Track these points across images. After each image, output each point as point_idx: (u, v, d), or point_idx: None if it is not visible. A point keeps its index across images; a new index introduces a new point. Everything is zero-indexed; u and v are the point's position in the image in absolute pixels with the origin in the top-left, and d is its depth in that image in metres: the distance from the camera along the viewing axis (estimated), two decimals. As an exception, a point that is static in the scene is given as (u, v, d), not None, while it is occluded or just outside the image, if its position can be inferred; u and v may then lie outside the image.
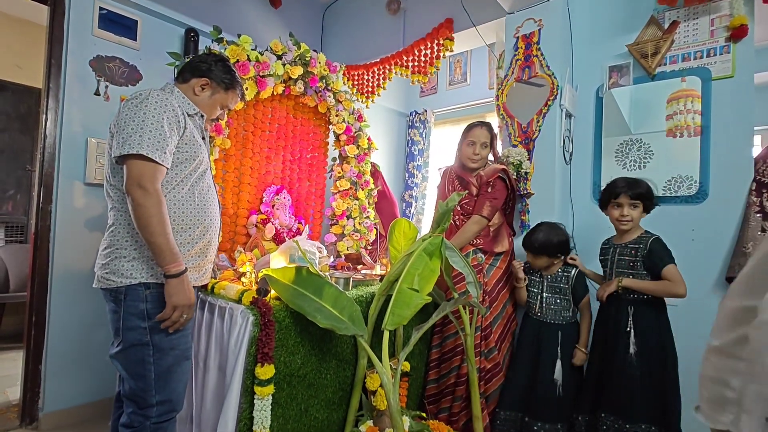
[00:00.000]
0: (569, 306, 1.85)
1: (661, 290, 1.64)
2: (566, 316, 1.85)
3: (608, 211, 1.75)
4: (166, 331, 1.22)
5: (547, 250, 1.83)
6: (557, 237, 1.83)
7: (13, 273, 3.24)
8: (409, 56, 2.61)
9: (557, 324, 1.84)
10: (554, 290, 1.86)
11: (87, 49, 2.11)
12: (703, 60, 1.90)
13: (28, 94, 3.52)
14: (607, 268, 1.78)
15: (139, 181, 1.14)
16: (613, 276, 1.72)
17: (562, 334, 1.82)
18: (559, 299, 1.85)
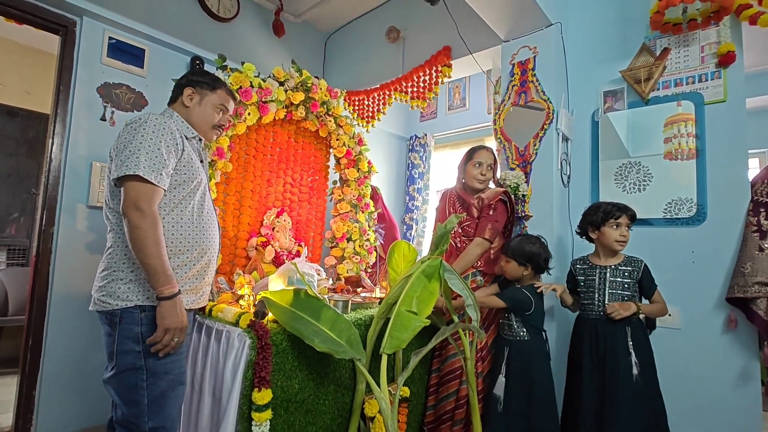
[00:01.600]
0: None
1: (658, 311, 1.73)
2: None
3: (602, 231, 1.74)
4: (161, 355, 1.21)
5: (516, 257, 1.81)
6: (530, 247, 1.81)
7: (13, 296, 3.22)
8: (408, 82, 2.68)
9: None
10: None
11: (95, 77, 2.18)
12: (695, 85, 1.94)
13: (36, 119, 3.61)
14: (593, 289, 1.74)
15: (136, 203, 1.15)
16: (605, 297, 1.71)
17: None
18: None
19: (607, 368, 1.66)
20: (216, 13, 2.70)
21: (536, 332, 1.80)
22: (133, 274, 1.22)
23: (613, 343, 1.65)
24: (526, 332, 1.78)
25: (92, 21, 2.17)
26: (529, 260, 1.80)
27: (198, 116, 1.40)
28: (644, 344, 1.68)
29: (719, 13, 1.84)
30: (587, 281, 1.78)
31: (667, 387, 1.89)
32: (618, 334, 1.66)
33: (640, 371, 1.61)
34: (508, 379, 1.75)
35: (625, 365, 1.61)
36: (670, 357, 1.91)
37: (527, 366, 1.74)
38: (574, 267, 1.85)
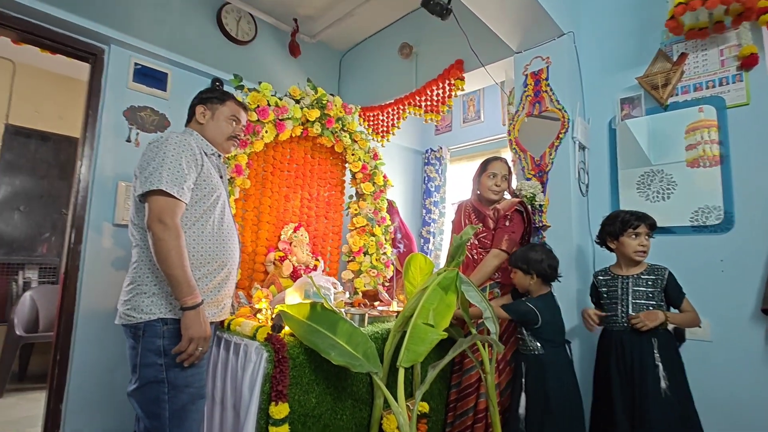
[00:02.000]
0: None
1: (689, 321, 1.65)
2: None
3: (621, 242, 1.70)
4: (182, 367, 1.23)
5: (520, 265, 1.78)
6: (533, 255, 1.77)
7: (43, 313, 3.34)
8: (421, 96, 2.71)
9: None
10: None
11: (122, 101, 2.28)
12: (716, 89, 1.90)
13: (67, 143, 3.78)
14: (615, 300, 1.70)
15: (159, 216, 1.20)
16: (629, 307, 1.65)
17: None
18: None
19: (635, 383, 1.58)
20: (235, 36, 2.81)
21: (552, 345, 1.73)
22: (157, 288, 1.25)
23: (640, 355, 1.59)
24: (540, 346, 1.72)
25: (119, 48, 2.29)
26: (533, 267, 1.76)
27: (212, 130, 1.46)
28: (674, 357, 1.61)
29: (741, 15, 1.80)
30: (610, 292, 1.73)
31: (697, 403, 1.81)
32: (645, 346, 1.59)
33: (669, 385, 1.53)
34: (527, 396, 1.70)
35: (652, 378, 1.54)
36: (700, 371, 1.81)
37: (542, 381, 1.68)
38: (596, 279, 1.80)
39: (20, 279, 3.49)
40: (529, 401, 1.68)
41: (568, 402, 1.68)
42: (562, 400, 1.66)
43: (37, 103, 3.67)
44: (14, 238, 3.52)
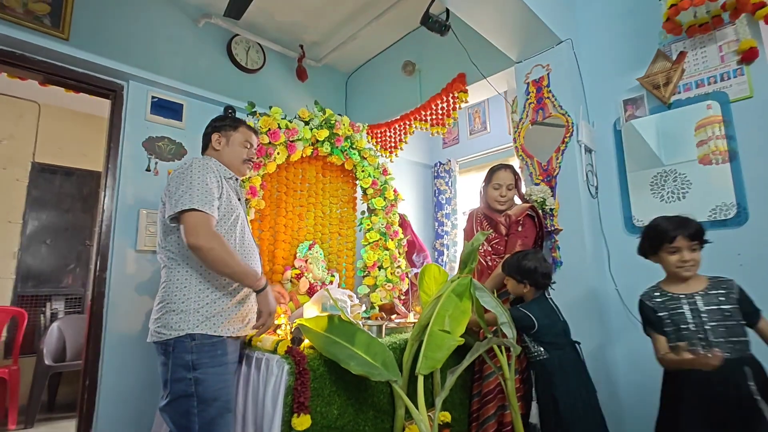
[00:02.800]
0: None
1: None
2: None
3: (660, 257, 1.45)
4: (210, 382, 1.29)
5: (512, 274, 1.77)
6: (526, 263, 1.73)
7: (70, 343, 3.43)
8: (426, 111, 2.77)
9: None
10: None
11: (140, 132, 2.40)
12: (718, 84, 1.91)
13: (90, 177, 3.95)
14: (685, 325, 1.37)
15: (198, 230, 1.28)
16: (707, 333, 1.32)
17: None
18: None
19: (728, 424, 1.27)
20: (244, 65, 2.94)
21: (555, 347, 1.69)
22: (184, 305, 1.32)
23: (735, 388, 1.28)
24: (543, 350, 1.69)
25: (137, 84, 2.42)
26: (526, 276, 1.74)
27: (228, 156, 1.55)
28: None
29: (737, 9, 1.82)
30: (674, 317, 1.39)
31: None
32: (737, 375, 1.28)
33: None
34: (539, 404, 1.67)
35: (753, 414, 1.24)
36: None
37: (550, 386, 1.65)
38: (651, 301, 1.46)
39: (48, 310, 3.60)
40: (541, 409, 1.66)
41: (580, 404, 1.62)
42: (572, 403, 1.61)
43: (61, 141, 3.85)
44: (42, 271, 3.66)
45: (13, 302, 3.46)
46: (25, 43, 2.06)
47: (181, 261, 1.36)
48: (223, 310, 1.36)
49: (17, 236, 3.54)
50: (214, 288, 1.36)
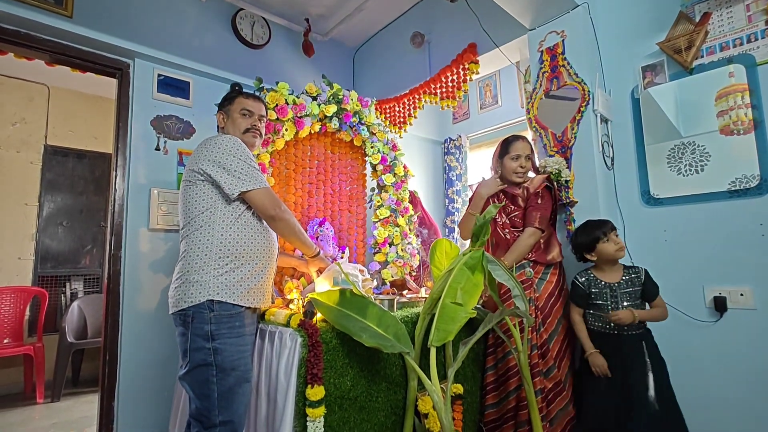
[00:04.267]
0: (643, 306, 1.77)
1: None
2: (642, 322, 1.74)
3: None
4: (228, 352, 1.31)
5: None
6: None
7: (90, 321, 3.54)
8: (436, 84, 2.70)
9: (638, 333, 1.72)
10: (634, 295, 1.75)
11: (148, 111, 2.38)
12: (744, 46, 1.82)
13: (101, 159, 3.98)
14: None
15: (275, 204, 1.45)
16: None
17: (648, 344, 1.71)
18: (634, 305, 1.74)
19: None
20: (250, 41, 2.88)
21: None
22: (203, 273, 1.35)
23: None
24: None
25: (143, 62, 2.39)
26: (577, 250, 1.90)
27: (231, 130, 1.57)
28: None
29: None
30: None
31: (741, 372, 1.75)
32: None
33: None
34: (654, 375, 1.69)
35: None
36: (742, 340, 1.75)
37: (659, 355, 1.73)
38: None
39: (68, 290, 3.70)
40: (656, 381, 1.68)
41: None
42: None
43: (71, 124, 3.87)
44: (60, 252, 3.74)
45: (33, 282, 3.56)
46: (29, 21, 2.04)
47: (202, 230, 1.37)
48: (242, 279, 1.38)
49: (34, 218, 3.61)
50: (234, 258, 1.38)
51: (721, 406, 1.78)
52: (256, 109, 1.64)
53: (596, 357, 1.73)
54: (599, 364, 1.72)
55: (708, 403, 1.80)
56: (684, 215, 1.94)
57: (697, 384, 1.83)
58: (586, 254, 1.83)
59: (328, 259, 1.77)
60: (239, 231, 1.41)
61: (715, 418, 1.79)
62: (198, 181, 1.41)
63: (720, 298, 1.81)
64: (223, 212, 1.39)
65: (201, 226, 1.38)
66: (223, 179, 1.38)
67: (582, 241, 1.83)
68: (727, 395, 1.77)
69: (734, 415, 1.75)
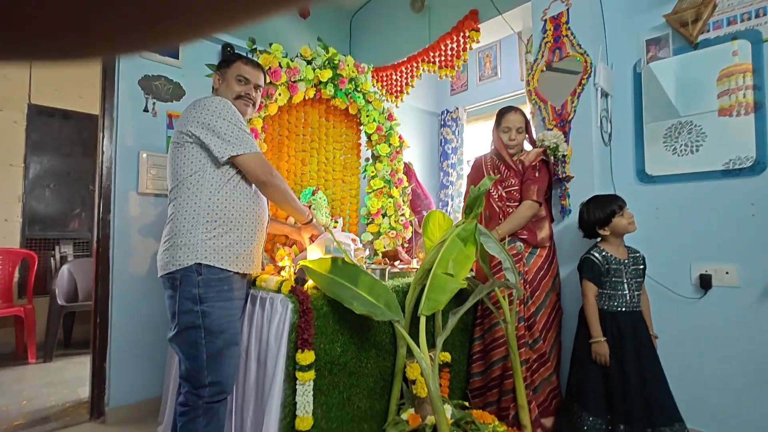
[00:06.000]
0: None
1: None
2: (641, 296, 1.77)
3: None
4: (217, 315, 1.32)
5: None
6: None
7: (81, 285, 3.53)
8: (435, 52, 2.62)
9: (640, 310, 1.74)
10: (637, 274, 1.75)
11: (136, 70, 2.29)
12: (752, 21, 1.77)
13: (88, 120, 3.86)
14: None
15: (266, 169, 1.41)
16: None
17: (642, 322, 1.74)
18: (639, 283, 1.75)
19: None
20: None
21: None
22: (191, 237, 1.33)
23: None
24: None
25: (129, 17, 2.28)
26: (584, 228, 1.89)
27: (224, 93, 1.52)
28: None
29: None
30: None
31: (723, 349, 1.80)
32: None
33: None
34: None
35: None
36: (726, 317, 1.79)
37: None
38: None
39: (57, 253, 3.67)
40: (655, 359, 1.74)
41: None
42: None
43: (56, 82, 3.73)
44: (47, 215, 3.68)
45: (21, 245, 3.52)
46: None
47: (190, 193, 1.35)
48: (231, 244, 1.36)
49: (20, 180, 3.53)
50: (222, 222, 1.36)
51: (703, 380, 1.85)
52: (254, 77, 1.58)
53: (602, 346, 1.67)
54: (603, 353, 1.66)
55: (690, 377, 1.86)
56: (676, 193, 1.95)
57: (679, 358, 1.88)
58: (599, 229, 1.77)
59: (320, 227, 1.75)
60: (228, 195, 1.38)
61: (697, 391, 1.85)
62: (186, 144, 1.37)
63: (706, 275, 1.84)
64: (212, 176, 1.36)
65: (189, 189, 1.35)
66: (212, 142, 1.34)
67: (597, 216, 1.76)
68: (709, 370, 1.83)
69: (715, 389, 1.82)
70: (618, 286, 1.72)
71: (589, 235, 1.84)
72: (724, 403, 1.79)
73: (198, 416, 1.29)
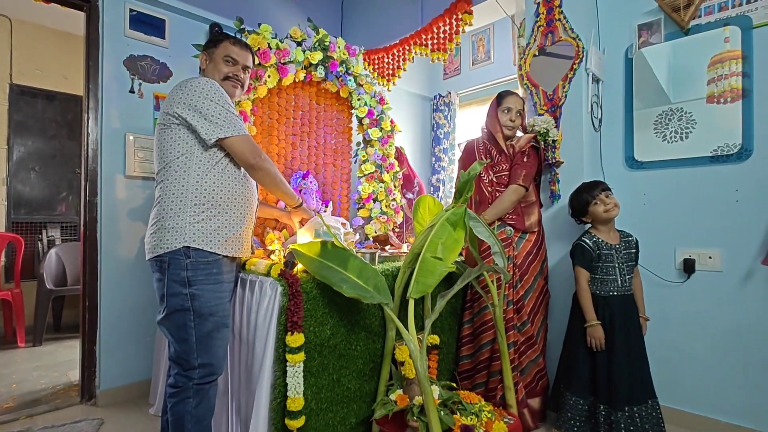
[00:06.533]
0: None
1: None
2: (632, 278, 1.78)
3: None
4: (206, 298, 1.32)
5: None
6: None
7: (69, 269, 3.50)
8: (427, 34, 2.59)
9: (631, 294, 1.76)
10: (629, 258, 1.76)
11: (121, 50, 2.24)
12: (743, 7, 1.77)
13: (73, 102, 3.77)
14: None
15: (255, 153, 1.39)
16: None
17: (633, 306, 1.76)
18: (630, 267, 1.76)
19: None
20: (231, -22, 2.68)
21: None
22: (179, 220, 1.32)
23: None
24: None
25: (112, -6, 2.21)
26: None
27: (211, 74, 1.49)
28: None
29: None
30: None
31: (705, 331, 1.84)
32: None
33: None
34: None
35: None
36: (708, 301, 1.84)
37: None
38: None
39: (44, 237, 3.62)
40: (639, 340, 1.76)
41: None
42: None
43: (39, 62, 3.63)
44: (33, 198, 3.62)
45: (7, 229, 3.47)
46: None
47: (177, 176, 1.33)
48: (219, 228, 1.35)
49: (4, 162, 3.46)
50: (210, 205, 1.34)
51: (683, 360, 1.90)
52: (242, 58, 1.54)
53: (597, 330, 1.68)
54: (598, 337, 1.67)
55: (671, 358, 1.92)
56: (664, 179, 1.98)
57: (662, 340, 1.93)
58: (582, 218, 1.82)
59: (310, 211, 1.74)
60: (216, 178, 1.36)
61: (676, 371, 1.91)
62: (173, 125, 1.34)
63: (689, 260, 1.88)
64: (199, 158, 1.34)
65: (176, 171, 1.33)
66: (199, 124, 1.32)
67: (575, 206, 1.82)
68: (689, 351, 1.89)
69: (696, 370, 1.87)
70: (610, 271, 1.73)
71: (580, 222, 1.87)
72: (702, 383, 1.85)
73: (188, 397, 1.30)
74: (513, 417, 1.60)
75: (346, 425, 1.57)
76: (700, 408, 1.84)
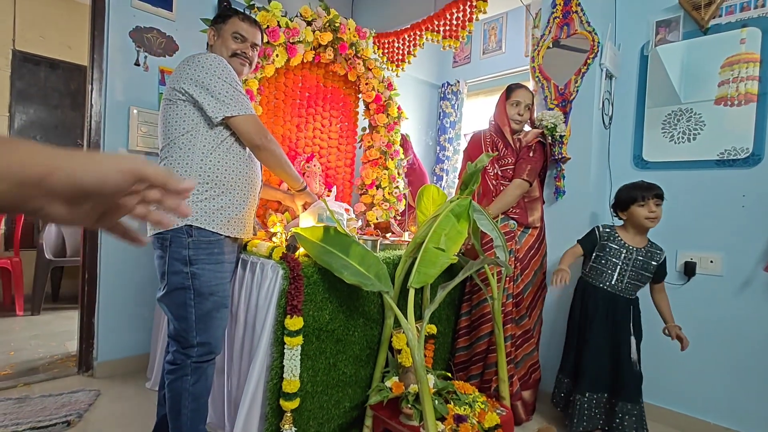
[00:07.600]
0: (645, 283, 1.74)
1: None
2: (637, 292, 1.75)
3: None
4: (206, 277, 1.31)
5: None
6: None
7: (69, 241, 3.50)
8: (440, 20, 2.53)
9: (631, 299, 1.73)
10: (645, 267, 1.70)
11: (127, 21, 2.19)
12: (765, 8, 1.73)
13: (77, 72, 3.72)
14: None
15: (261, 133, 1.38)
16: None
17: (634, 310, 1.73)
18: (641, 276, 1.70)
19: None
20: (241, -49, 2.61)
21: None
22: None
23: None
24: None
25: (120, -38, 2.15)
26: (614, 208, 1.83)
27: (219, 50, 1.47)
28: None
29: None
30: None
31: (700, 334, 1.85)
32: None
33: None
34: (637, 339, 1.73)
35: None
36: (709, 305, 1.84)
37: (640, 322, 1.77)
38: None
39: (44, 208, 3.61)
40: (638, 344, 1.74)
41: None
42: None
43: (42, 28, 3.56)
44: (34, 168, 3.59)
45: (8, 197, 3.45)
46: None
47: (182, 153, 1.32)
48: (222, 208, 1.34)
49: (5, 130, 3.42)
50: (214, 185, 1.33)
51: (677, 362, 1.91)
52: (250, 35, 1.51)
53: (563, 272, 1.68)
54: (561, 277, 1.67)
55: (665, 359, 1.93)
56: (671, 180, 1.96)
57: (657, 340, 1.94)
58: (619, 212, 1.75)
59: (314, 195, 1.74)
60: (221, 157, 1.35)
61: (671, 373, 1.93)
62: (179, 101, 1.32)
63: (691, 263, 1.88)
64: (204, 136, 1.33)
65: (181, 149, 1.31)
66: (206, 101, 1.30)
67: (621, 197, 1.73)
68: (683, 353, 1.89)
69: (687, 372, 1.89)
70: (608, 265, 1.72)
71: (614, 214, 1.81)
72: (692, 385, 1.87)
73: (186, 375, 1.31)
74: (505, 408, 1.62)
75: (340, 409, 1.59)
76: (690, 408, 1.87)
